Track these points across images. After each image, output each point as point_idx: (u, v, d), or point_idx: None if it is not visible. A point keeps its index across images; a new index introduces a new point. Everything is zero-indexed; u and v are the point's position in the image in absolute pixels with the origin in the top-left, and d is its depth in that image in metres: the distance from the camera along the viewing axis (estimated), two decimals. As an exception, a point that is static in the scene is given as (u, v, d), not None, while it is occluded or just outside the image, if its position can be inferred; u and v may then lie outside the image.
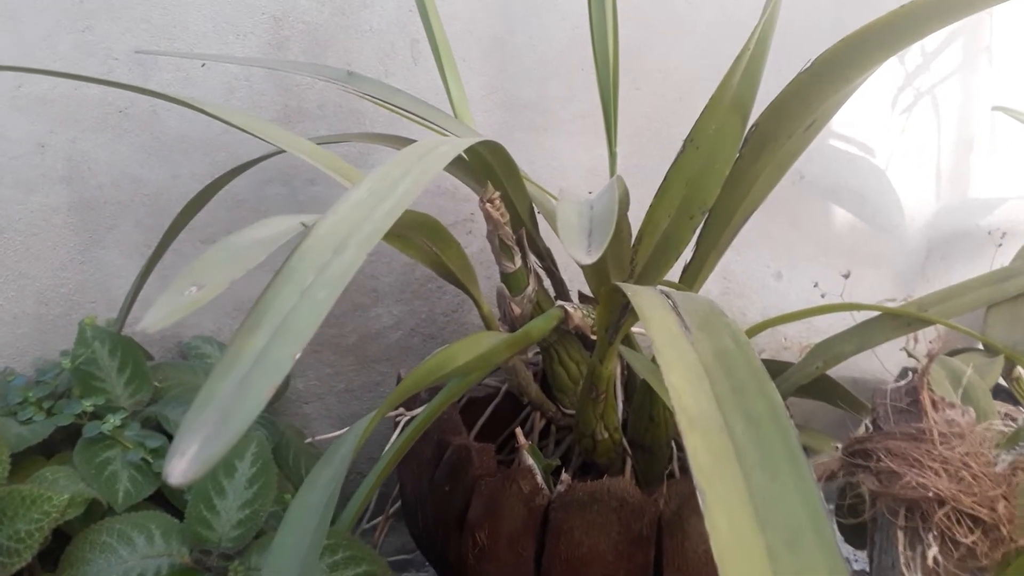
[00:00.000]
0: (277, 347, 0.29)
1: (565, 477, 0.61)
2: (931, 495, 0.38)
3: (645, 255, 0.57)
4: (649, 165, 0.88)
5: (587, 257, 0.35)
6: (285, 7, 0.75)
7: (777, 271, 0.92)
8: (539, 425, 0.76)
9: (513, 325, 0.69)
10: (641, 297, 0.45)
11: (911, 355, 0.49)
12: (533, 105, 0.85)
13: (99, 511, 0.62)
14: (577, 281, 0.80)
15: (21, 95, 0.72)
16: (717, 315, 0.43)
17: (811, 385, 0.67)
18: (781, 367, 0.70)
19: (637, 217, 0.56)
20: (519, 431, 0.66)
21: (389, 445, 0.69)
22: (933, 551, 0.38)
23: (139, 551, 0.58)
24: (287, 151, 0.56)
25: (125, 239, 0.77)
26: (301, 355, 0.84)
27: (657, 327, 0.41)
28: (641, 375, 0.65)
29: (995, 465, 0.39)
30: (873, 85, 0.89)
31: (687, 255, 0.64)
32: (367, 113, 0.79)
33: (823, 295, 0.76)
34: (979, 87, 0.92)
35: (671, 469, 0.70)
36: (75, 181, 0.75)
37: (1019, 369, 0.51)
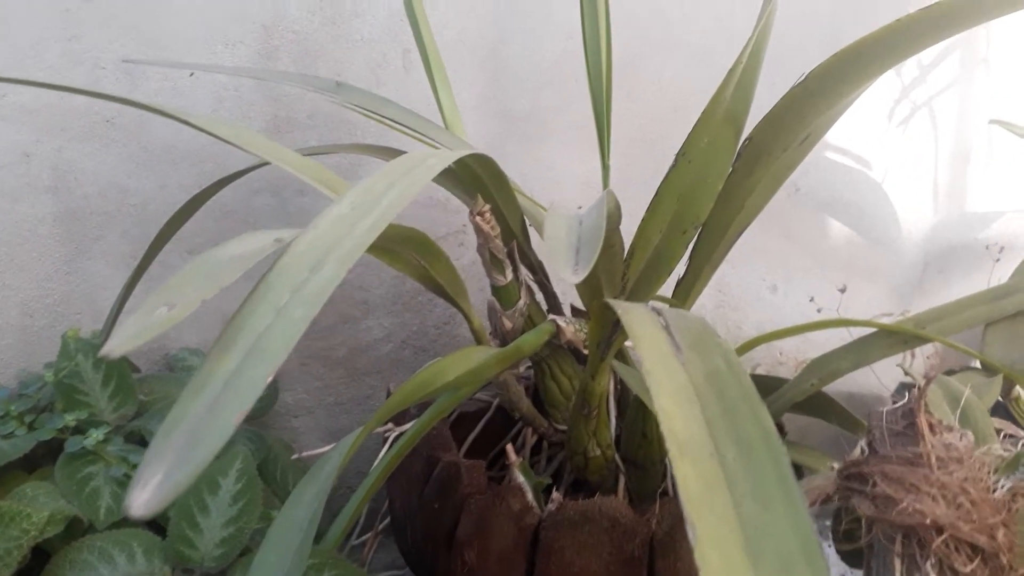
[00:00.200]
0: (250, 368, 0.28)
1: (556, 495, 0.60)
2: (929, 522, 0.37)
3: (637, 270, 0.56)
4: (643, 177, 0.86)
5: (574, 275, 0.34)
6: (275, 16, 0.75)
7: (772, 284, 0.91)
8: (531, 441, 0.75)
9: (504, 339, 0.67)
10: (631, 315, 0.44)
11: (907, 373, 0.48)
12: (527, 116, 0.84)
13: (80, 528, 0.60)
14: (571, 295, 0.79)
15: (6, 104, 0.71)
16: (709, 334, 0.42)
17: (806, 402, 0.66)
18: (776, 383, 0.69)
19: (631, 230, 0.55)
20: (510, 448, 0.65)
21: (377, 461, 0.68)
22: (930, 580, 0.37)
23: (120, 570, 0.56)
24: (272, 163, 0.55)
25: (111, 250, 0.76)
26: (290, 368, 0.83)
27: (647, 347, 0.40)
28: (634, 391, 0.64)
29: (994, 491, 0.38)
30: (869, 97, 0.88)
31: (680, 270, 0.63)
32: (358, 123, 0.78)
33: (819, 310, 0.75)
34: (976, 99, 0.91)
35: (664, 486, 0.69)
36: (61, 191, 0.74)
37: (1018, 389, 0.50)
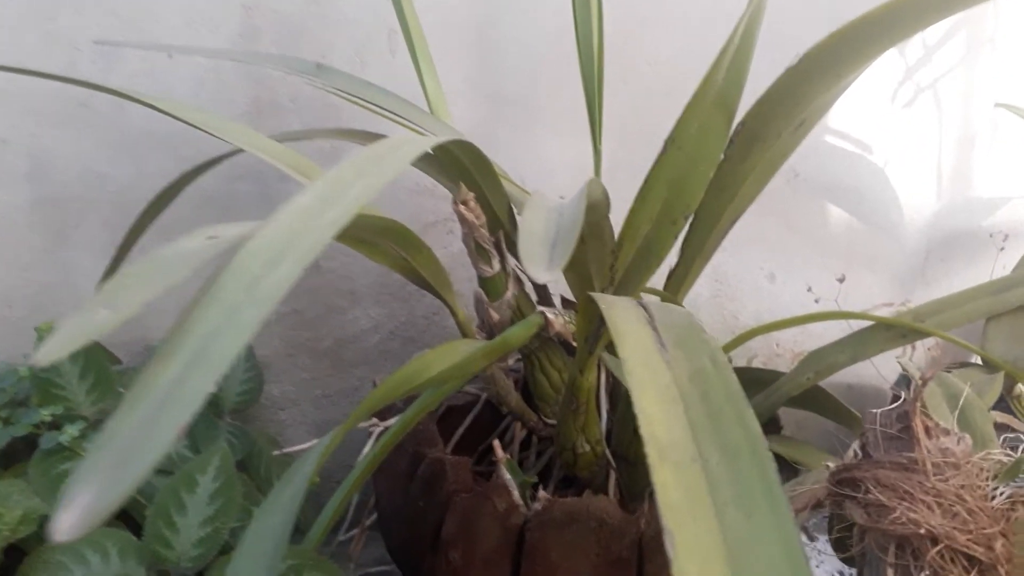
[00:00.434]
0: (193, 377, 0.26)
1: (543, 494, 0.58)
2: (923, 532, 0.35)
3: (626, 261, 0.54)
4: (637, 162, 0.84)
5: (545, 273, 0.32)
6: (256, -4, 0.72)
7: (771, 273, 0.89)
8: (520, 435, 0.74)
9: (491, 332, 0.66)
10: (615, 311, 0.42)
11: (905, 370, 0.45)
12: (518, 100, 0.81)
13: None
14: (562, 285, 0.77)
15: (-21, 88, 0.69)
16: (695, 331, 0.40)
17: (803, 396, 0.64)
18: (772, 376, 0.68)
19: (623, 219, 0.53)
20: (497, 443, 0.63)
21: (361, 458, 0.66)
22: (926, 592, 0.35)
23: (93, 571, 0.55)
24: (245, 150, 0.53)
25: (91, 238, 0.74)
26: (275, 360, 0.81)
27: (630, 345, 0.38)
28: (625, 385, 0.62)
29: (992, 499, 0.36)
30: (872, 79, 0.86)
31: (672, 260, 0.61)
32: (343, 107, 0.75)
33: (817, 300, 0.73)
34: (983, 81, 0.89)
35: (656, 483, 0.67)
36: (38, 178, 0.72)
37: (1020, 386, 0.49)
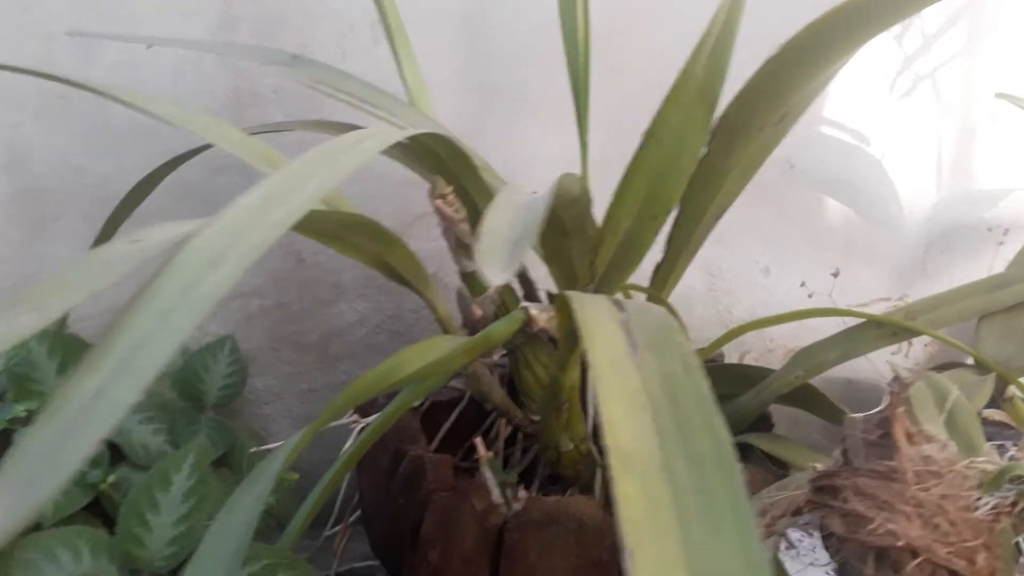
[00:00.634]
0: (115, 388, 0.25)
1: (523, 494, 0.57)
2: (902, 544, 0.34)
3: (607, 257, 0.53)
4: (627, 155, 0.83)
5: (500, 275, 0.30)
6: (237, -16, 0.71)
7: (765, 267, 0.87)
8: (506, 432, 0.72)
9: (475, 328, 0.64)
10: (587, 310, 0.40)
11: (895, 371, 0.44)
12: (507, 92, 0.80)
13: (31, 525, 0.58)
14: (549, 281, 0.76)
15: (-45, 79, 0.67)
16: (670, 332, 0.38)
17: (793, 394, 0.62)
18: (762, 373, 0.66)
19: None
20: (479, 441, 0.62)
21: (341, 455, 0.65)
22: (903, 607, 0.34)
23: (65, 569, 0.54)
24: (214, 143, 0.51)
25: (69, 231, 0.73)
26: (260, 354, 0.80)
27: (599, 348, 0.37)
28: (593, 389, 0.60)
29: (976, 509, 0.35)
30: (869, 70, 0.84)
31: (658, 256, 0.59)
32: (324, 100, 0.74)
33: (810, 295, 0.71)
34: (984, 71, 0.86)
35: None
36: (15, 170, 0.71)
37: (1011, 389, 0.47)
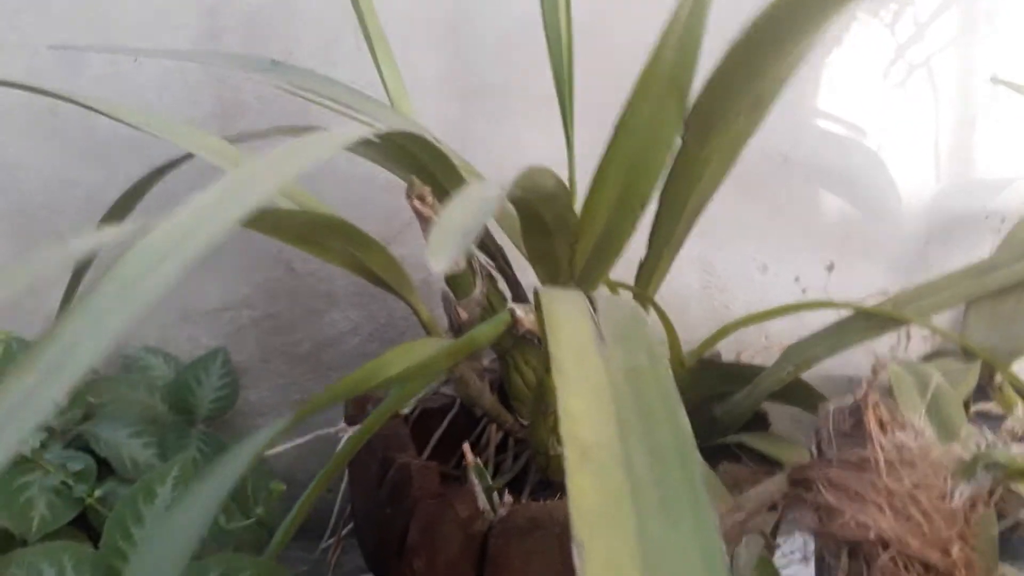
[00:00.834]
0: (42, 390, 0.24)
1: (507, 499, 0.56)
2: (873, 536, 0.32)
3: (585, 253, 0.52)
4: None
5: (441, 264, 0.29)
6: (220, -6, 0.71)
7: (762, 264, 0.86)
8: (496, 438, 0.71)
9: (460, 331, 0.64)
10: (556, 304, 0.40)
11: (876, 364, 0.43)
12: (491, 92, 0.79)
13: (13, 541, 0.58)
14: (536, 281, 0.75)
15: (-59, 97, 0.68)
16: (638, 325, 0.37)
17: (786, 390, 0.61)
18: (755, 371, 0.65)
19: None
20: (467, 447, 0.61)
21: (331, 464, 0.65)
22: (878, 601, 0.33)
23: (49, 585, 0.54)
24: (193, 152, 0.51)
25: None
26: (251, 366, 0.80)
27: (564, 339, 0.36)
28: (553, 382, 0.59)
29: (951, 499, 0.33)
30: (861, 59, 0.83)
31: (640, 253, 0.59)
32: (310, 106, 0.74)
33: (804, 290, 0.70)
34: (981, 57, 0.85)
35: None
36: (4, 187, 0.71)
37: (1000, 375, 0.46)
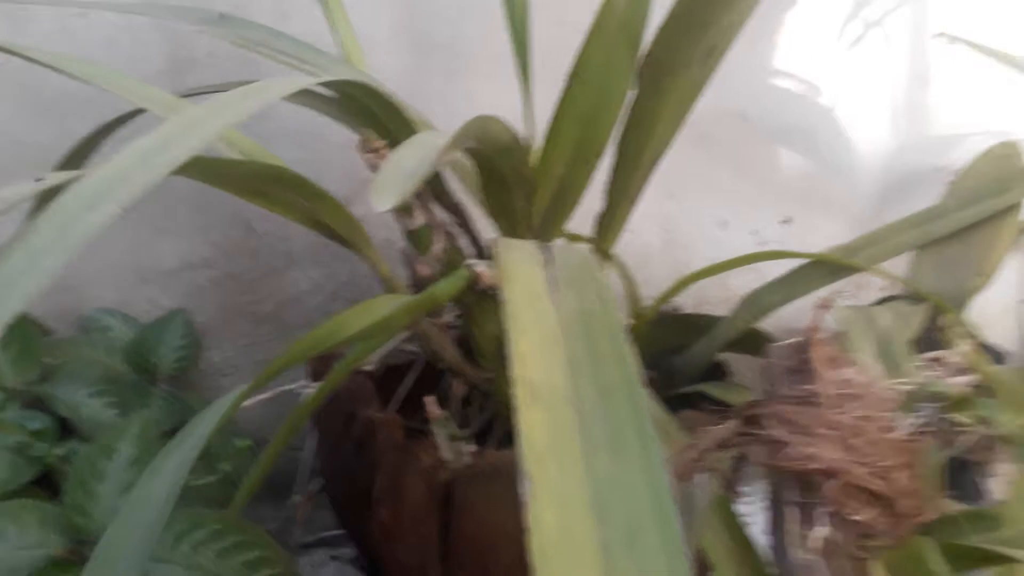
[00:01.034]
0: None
1: (470, 448, 0.57)
2: (819, 466, 0.34)
3: (542, 205, 0.52)
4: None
5: (383, 202, 0.30)
6: (169, -53, 0.69)
7: (723, 220, 0.87)
8: (461, 392, 0.72)
9: (421, 286, 0.64)
10: (510, 254, 0.40)
11: (820, 302, 0.44)
12: (449, 46, 0.79)
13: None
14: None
15: None
16: (590, 271, 0.38)
17: (743, 340, 0.62)
18: (713, 321, 0.66)
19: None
20: (429, 400, 0.62)
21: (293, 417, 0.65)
22: (823, 529, 0.34)
23: (10, 543, 0.53)
24: (145, 108, 0.50)
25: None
26: (214, 325, 0.79)
27: (518, 286, 0.37)
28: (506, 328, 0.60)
29: (895, 430, 0.35)
30: (817, 17, 0.83)
31: (599, 208, 0.59)
32: (261, 60, 0.72)
33: (761, 244, 0.71)
34: (934, 15, 0.86)
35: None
36: (-49, 147, 0.69)
37: (946, 318, 0.47)
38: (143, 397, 0.69)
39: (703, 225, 0.88)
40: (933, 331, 0.47)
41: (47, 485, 0.62)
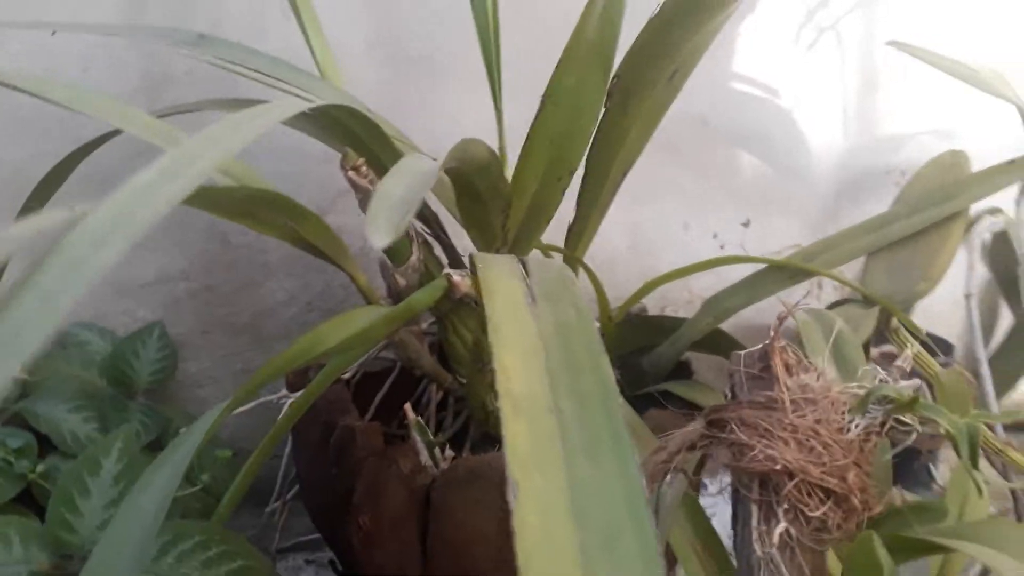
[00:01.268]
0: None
1: (448, 453, 0.59)
2: (779, 467, 0.36)
3: (517, 220, 0.54)
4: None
5: (382, 240, 0.31)
6: (140, -35, 0.70)
7: (685, 223, 0.90)
8: (437, 397, 0.74)
9: (399, 297, 0.65)
10: (490, 269, 0.42)
11: (782, 311, 0.46)
12: (422, 60, 0.80)
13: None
14: (471, 247, 0.77)
15: None
16: (566, 284, 0.40)
17: (706, 340, 0.65)
18: (678, 323, 0.69)
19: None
20: (408, 407, 0.63)
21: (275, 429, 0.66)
22: (782, 525, 0.37)
23: (-4, 560, 0.54)
24: (120, 128, 0.52)
25: (-15, 225, 0.72)
26: (190, 338, 0.80)
27: (499, 301, 0.38)
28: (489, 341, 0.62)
29: (848, 431, 0.37)
30: (774, 22, 0.86)
31: (570, 216, 0.61)
32: (240, 79, 0.73)
33: (722, 246, 0.74)
34: (884, 20, 0.89)
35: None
36: (-77, 166, 0.70)
37: (896, 320, 0.50)
38: (121, 411, 0.70)
39: (667, 229, 0.91)
40: (885, 330, 0.49)
41: (27, 502, 0.63)
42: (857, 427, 0.38)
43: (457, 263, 0.73)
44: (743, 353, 0.40)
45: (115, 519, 0.40)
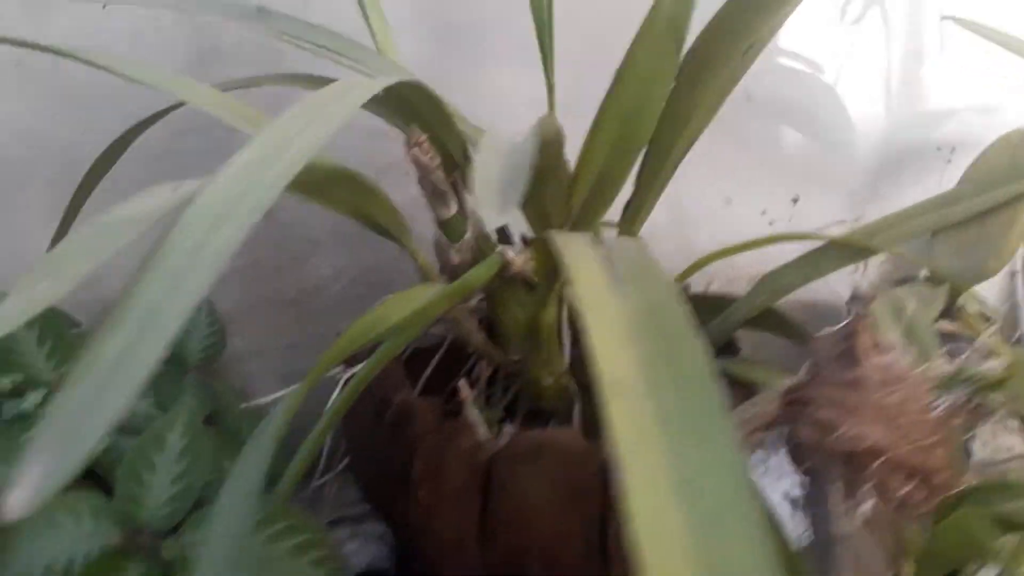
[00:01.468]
0: (142, 346, 0.26)
1: (508, 429, 0.59)
2: (868, 446, 0.36)
3: (581, 197, 0.54)
4: (595, 94, 0.83)
5: (498, 218, 0.32)
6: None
7: (727, 197, 0.90)
8: (487, 372, 0.74)
9: (453, 274, 0.66)
10: (570, 248, 0.42)
11: (855, 288, 0.47)
12: (469, 30, 0.80)
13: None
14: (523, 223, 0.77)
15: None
16: (649, 263, 0.40)
17: (758, 318, 0.65)
18: (728, 301, 0.69)
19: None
20: (463, 383, 0.64)
21: (329, 405, 0.67)
22: (869, 503, 0.37)
23: (67, 534, 0.55)
24: (187, 102, 0.52)
25: (36, 201, 0.72)
26: (237, 313, 0.81)
27: (583, 283, 0.39)
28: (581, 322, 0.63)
29: (933, 410, 0.38)
30: (821, -2, 0.85)
31: (628, 192, 0.61)
32: (288, 52, 0.73)
33: (771, 222, 0.74)
34: (930, -5, 0.88)
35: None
36: (-26, 141, 0.70)
37: (962, 299, 0.50)
38: (176, 387, 0.70)
39: (708, 204, 0.90)
40: (948, 309, 0.50)
41: (91, 479, 0.64)
42: (942, 406, 0.38)
43: (506, 240, 0.73)
44: (826, 332, 0.40)
45: (219, 505, 0.40)
